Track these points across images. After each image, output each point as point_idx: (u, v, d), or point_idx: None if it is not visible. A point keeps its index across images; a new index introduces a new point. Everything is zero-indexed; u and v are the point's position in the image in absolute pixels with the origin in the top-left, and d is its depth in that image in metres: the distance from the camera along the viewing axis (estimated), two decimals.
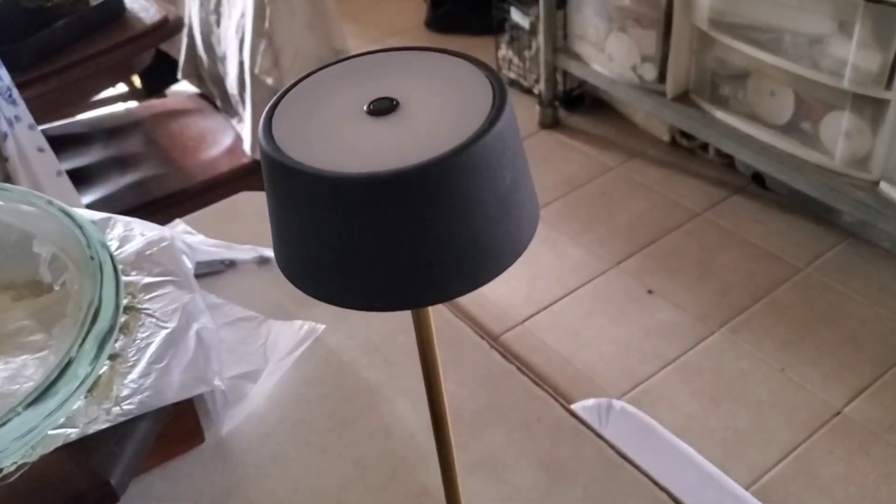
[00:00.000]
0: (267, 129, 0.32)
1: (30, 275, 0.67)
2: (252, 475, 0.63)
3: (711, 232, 2.07)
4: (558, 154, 2.38)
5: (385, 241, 0.30)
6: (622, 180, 2.26)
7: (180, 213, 0.87)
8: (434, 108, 0.32)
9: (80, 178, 1.63)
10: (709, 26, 1.90)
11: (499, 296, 1.95)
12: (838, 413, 1.64)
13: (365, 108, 0.33)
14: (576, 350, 1.81)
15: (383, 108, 0.32)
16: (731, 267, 1.97)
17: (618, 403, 1.03)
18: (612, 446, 0.62)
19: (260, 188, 1.02)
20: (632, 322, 1.87)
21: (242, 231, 0.83)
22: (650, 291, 1.93)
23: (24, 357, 0.60)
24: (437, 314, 0.43)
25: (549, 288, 1.97)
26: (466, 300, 1.99)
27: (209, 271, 0.79)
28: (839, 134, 1.75)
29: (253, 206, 0.89)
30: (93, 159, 1.79)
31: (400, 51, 0.36)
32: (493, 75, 0.33)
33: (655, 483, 0.59)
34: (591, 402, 1.02)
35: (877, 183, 1.73)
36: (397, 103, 0.33)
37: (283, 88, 0.34)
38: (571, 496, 0.59)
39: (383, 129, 0.32)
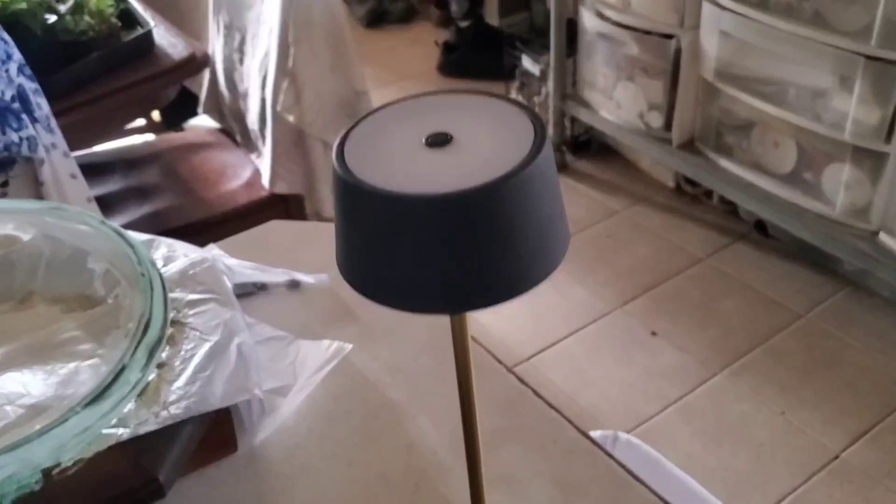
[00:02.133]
0: (340, 155, 0.37)
1: (79, 289, 0.71)
2: (282, 485, 0.67)
3: (714, 277, 2.12)
4: (565, 197, 2.41)
5: (436, 254, 0.35)
6: (627, 224, 2.32)
7: (199, 243, 0.91)
8: (483, 141, 0.37)
9: (101, 207, 1.69)
10: (715, 77, 1.97)
11: (504, 332, 1.99)
12: (837, 457, 1.67)
13: (423, 140, 0.38)
14: (580, 388, 1.84)
15: (439, 140, 0.37)
16: (732, 312, 2.01)
17: (624, 436, 1.06)
18: (623, 467, 0.66)
19: (279, 218, 1.06)
20: (635, 363, 1.90)
21: (273, 257, 0.88)
22: (653, 333, 1.97)
23: (76, 364, 0.64)
24: None
25: (554, 327, 2.01)
26: (473, 335, 2.03)
27: (242, 293, 0.83)
28: (840, 185, 1.81)
29: (283, 233, 0.94)
30: (112, 188, 1.84)
31: (450, 93, 0.41)
32: (534, 116, 0.38)
33: (665, 502, 0.63)
34: (598, 433, 1.05)
35: (876, 233, 1.78)
36: (451, 137, 0.38)
37: (352, 123, 0.39)
38: None
39: (439, 158, 0.37)
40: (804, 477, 1.64)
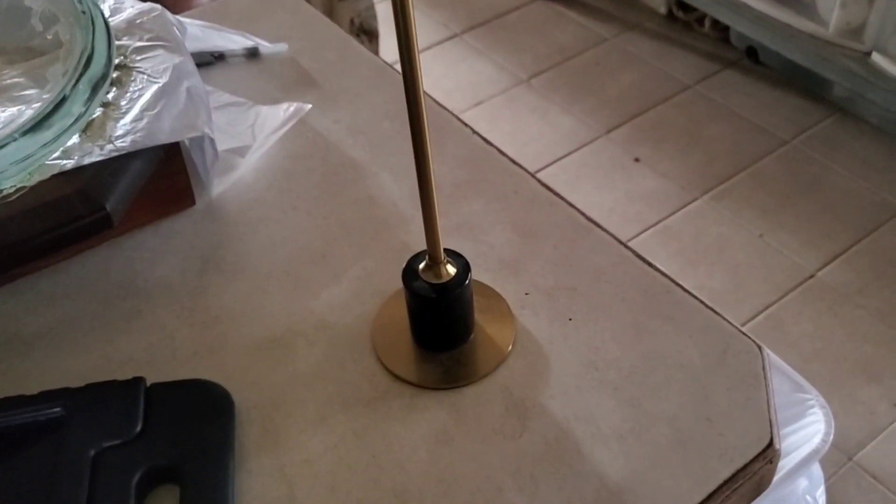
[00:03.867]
0: None
1: (22, 40, 0.68)
2: (241, 233, 0.66)
3: (701, 104, 2.08)
4: (553, 24, 2.36)
5: None
6: (616, 52, 2.25)
7: None
8: None
9: None
10: None
11: None
12: (812, 276, 1.69)
13: None
14: None
15: None
16: (717, 138, 1.99)
17: None
18: (582, 213, 0.65)
19: None
20: (616, 188, 1.90)
21: (230, 27, 0.84)
22: (637, 160, 1.95)
23: (19, 107, 0.62)
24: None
25: (537, 155, 1.99)
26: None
27: (199, 62, 0.80)
28: (835, 3, 1.75)
29: (242, 3, 0.89)
30: None
31: None
32: None
33: (621, 242, 0.63)
34: None
35: (869, 53, 1.74)
36: None
37: None
38: (542, 252, 0.62)
39: None
40: (778, 295, 1.67)
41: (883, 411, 1.47)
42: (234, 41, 0.81)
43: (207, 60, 0.82)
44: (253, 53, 0.82)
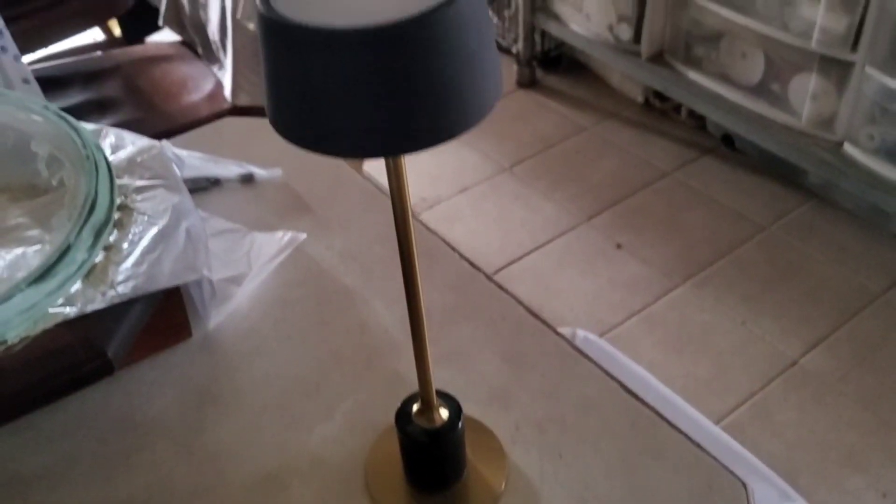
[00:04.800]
0: None
1: (26, 178, 0.70)
2: (236, 365, 0.67)
3: (680, 191, 2.13)
4: (534, 113, 2.42)
5: (368, 91, 0.35)
6: (595, 140, 2.31)
7: None
8: None
9: None
10: None
11: (471, 247, 2.00)
12: (794, 363, 1.71)
13: None
14: (545, 300, 1.86)
15: None
16: (697, 224, 2.03)
17: (582, 332, 1.08)
18: (569, 343, 0.67)
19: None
20: (600, 275, 1.93)
21: (226, 153, 0.87)
22: (619, 246, 1.99)
23: (23, 249, 0.64)
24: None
25: (520, 241, 2.02)
26: (432, 229, 2.04)
27: (194, 188, 0.83)
28: (806, 95, 1.81)
29: (237, 130, 0.93)
30: (71, 102, 1.80)
31: None
32: None
33: (608, 374, 0.65)
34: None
35: (840, 143, 1.80)
36: None
37: None
38: (531, 382, 0.64)
39: None
40: (762, 383, 1.69)
41: (870, 501, 1.48)
42: (230, 169, 0.84)
43: (203, 186, 0.84)
44: (248, 179, 0.85)
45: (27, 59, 1.77)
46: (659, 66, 2.10)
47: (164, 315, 0.67)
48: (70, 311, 0.57)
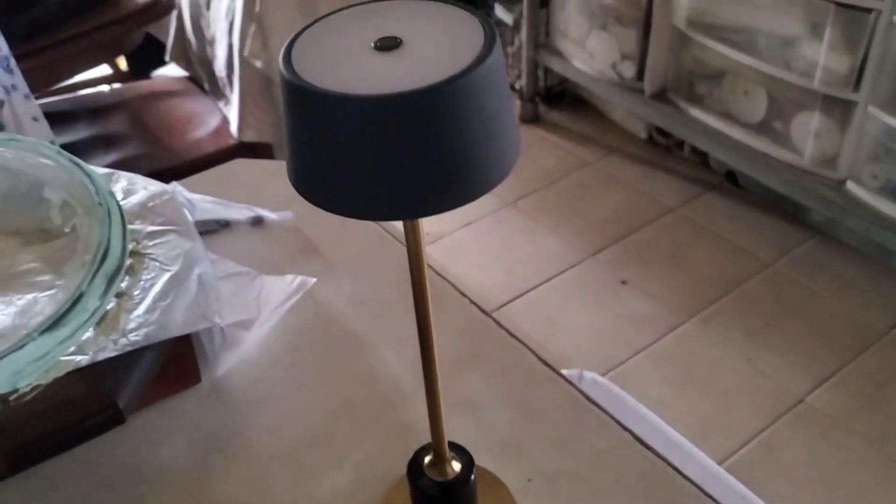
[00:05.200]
0: (287, 59, 0.37)
1: (38, 222, 0.71)
2: (245, 412, 0.67)
3: (685, 227, 2.13)
4: (538, 148, 2.43)
5: (386, 156, 0.35)
6: (600, 175, 2.32)
7: None
8: (433, 45, 0.37)
9: None
10: (687, 26, 1.96)
11: (476, 282, 2.00)
12: (801, 401, 1.70)
13: (372, 44, 0.37)
14: (551, 336, 1.86)
15: (388, 44, 0.37)
16: (703, 261, 2.03)
17: (589, 374, 1.07)
18: (582, 392, 0.66)
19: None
20: (606, 311, 1.92)
21: (236, 195, 0.87)
22: (624, 282, 1.99)
23: (35, 294, 0.64)
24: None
25: (525, 276, 2.02)
26: (441, 273, 2.05)
27: (204, 230, 0.83)
28: (809, 134, 1.82)
29: (247, 172, 0.93)
30: (78, 137, 1.81)
31: (402, 0, 0.41)
32: (484, 19, 0.38)
33: (620, 424, 0.64)
34: (563, 372, 1.06)
35: (844, 182, 1.80)
36: (401, 41, 0.37)
37: (300, 29, 0.38)
38: (542, 432, 0.63)
39: (389, 61, 0.36)
40: (769, 420, 1.68)
41: None
42: (240, 212, 0.84)
43: (213, 228, 0.85)
44: (258, 221, 0.85)
45: (43, 101, 1.79)
46: (662, 103, 2.12)
47: (174, 361, 0.67)
48: (81, 359, 0.57)
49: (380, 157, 0.35)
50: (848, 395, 1.71)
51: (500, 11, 2.48)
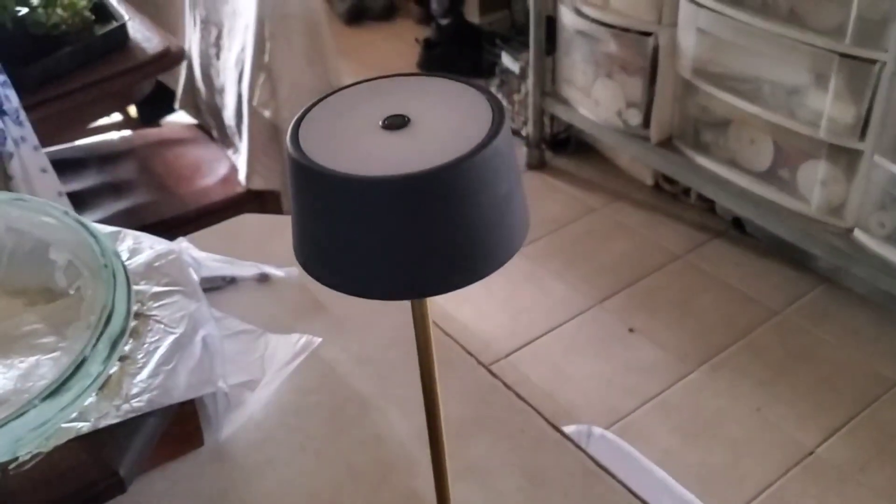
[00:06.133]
0: (294, 138, 0.37)
1: (42, 282, 0.70)
2: (248, 477, 0.66)
3: (692, 274, 2.12)
4: (544, 194, 2.44)
5: (393, 237, 0.35)
6: (606, 221, 2.32)
7: (172, 239, 0.89)
8: (440, 124, 0.37)
9: (75, 203, 1.66)
10: (692, 75, 1.97)
11: (483, 329, 1.99)
12: (811, 453, 1.68)
13: (380, 123, 0.37)
14: (558, 385, 1.84)
15: (396, 123, 0.37)
16: (710, 308, 2.02)
17: (597, 430, 1.06)
18: (591, 458, 0.65)
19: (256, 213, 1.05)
20: (614, 359, 1.91)
21: (243, 250, 0.87)
22: (631, 330, 1.98)
23: (37, 357, 0.63)
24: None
25: (532, 323, 2.01)
26: (450, 332, 2.03)
27: (210, 287, 0.82)
28: (815, 182, 1.82)
29: (254, 227, 0.93)
30: (87, 184, 1.82)
31: (410, 76, 0.41)
32: (492, 98, 0.38)
33: (632, 493, 0.63)
34: (572, 427, 1.05)
35: (851, 230, 1.80)
36: (409, 119, 0.37)
37: (308, 105, 0.38)
38: (552, 501, 0.62)
39: (396, 141, 0.36)
40: (779, 473, 1.65)
41: None
42: (246, 269, 0.84)
43: (218, 285, 0.84)
44: (263, 278, 0.85)
45: (52, 149, 1.80)
46: (668, 150, 2.12)
47: (177, 423, 0.66)
48: (83, 426, 0.56)
49: (387, 238, 0.35)
50: (859, 447, 1.68)
51: (506, 59, 2.51)
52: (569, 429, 1.08)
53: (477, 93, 0.38)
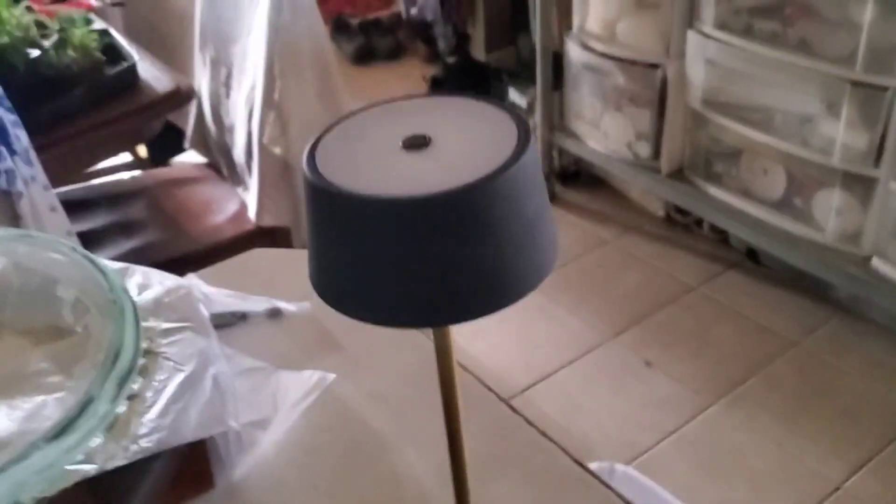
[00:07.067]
0: (311, 162, 0.35)
1: (49, 320, 0.69)
2: None
3: (707, 306, 2.09)
4: None
5: (415, 261, 0.33)
6: (618, 253, 2.30)
7: (183, 276, 0.88)
8: (463, 143, 0.35)
9: (85, 243, 1.65)
10: (702, 106, 1.97)
11: (498, 364, 1.96)
12: (838, 488, 1.63)
13: (399, 144, 0.36)
14: (575, 420, 1.81)
15: (417, 143, 0.35)
16: (726, 340, 1.99)
17: (620, 467, 1.03)
18: (619, 495, 0.63)
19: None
20: (630, 394, 1.87)
21: (254, 285, 0.85)
22: (648, 363, 1.94)
23: (43, 397, 0.61)
24: None
25: (547, 358, 1.98)
26: (465, 365, 2.00)
27: (220, 323, 0.81)
28: (830, 210, 1.80)
29: (264, 262, 0.92)
30: (97, 224, 1.81)
31: (429, 97, 0.39)
32: (517, 116, 0.36)
33: None
34: (594, 465, 1.02)
35: (869, 258, 1.77)
36: (429, 139, 0.35)
37: (325, 127, 0.37)
38: None
39: (417, 161, 0.35)
40: None
41: None
42: (258, 304, 0.82)
43: (229, 321, 0.82)
44: (275, 314, 0.83)
45: (63, 189, 1.80)
46: (679, 181, 2.11)
47: (187, 464, 0.64)
48: (89, 468, 0.54)
49: (409, 263, 0.33)
50: (887, 483, 1.63)
51: (513, 95, 2.51)
52: (591, 466, 1.05)
53: (500, 111, 0.37)
